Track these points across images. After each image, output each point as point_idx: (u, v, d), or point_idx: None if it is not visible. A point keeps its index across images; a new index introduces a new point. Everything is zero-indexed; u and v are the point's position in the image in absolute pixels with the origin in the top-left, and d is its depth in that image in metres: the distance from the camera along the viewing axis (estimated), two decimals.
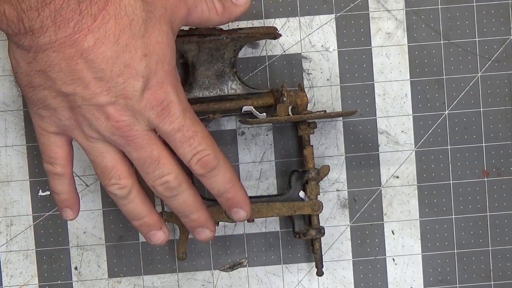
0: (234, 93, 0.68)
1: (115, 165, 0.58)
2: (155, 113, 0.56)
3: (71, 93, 0.55)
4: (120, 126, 0.56)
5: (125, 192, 0.59)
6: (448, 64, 0.71)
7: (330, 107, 0.71)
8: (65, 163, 0.60)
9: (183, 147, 0.58)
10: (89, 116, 0.56)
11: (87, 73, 0.55)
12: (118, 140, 0.57)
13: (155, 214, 0.61)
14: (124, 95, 0.55)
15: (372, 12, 0.70)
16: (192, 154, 0.58)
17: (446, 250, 0.71)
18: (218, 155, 0.59)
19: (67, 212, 0.62)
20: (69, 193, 0.61)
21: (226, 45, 0.66)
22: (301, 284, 0.72)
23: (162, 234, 0.62)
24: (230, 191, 0.60)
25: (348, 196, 0.71)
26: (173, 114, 0.57)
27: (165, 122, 0.57)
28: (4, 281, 0.71)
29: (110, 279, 0.71)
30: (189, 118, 0.58)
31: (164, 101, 0.56)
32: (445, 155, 0.71)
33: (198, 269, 0.71)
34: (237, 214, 0.62)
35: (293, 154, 0.71)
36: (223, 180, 0.60)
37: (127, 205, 0.60)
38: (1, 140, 0.70)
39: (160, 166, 0.58)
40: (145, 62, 0.55)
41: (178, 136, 0.57)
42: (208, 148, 0.58)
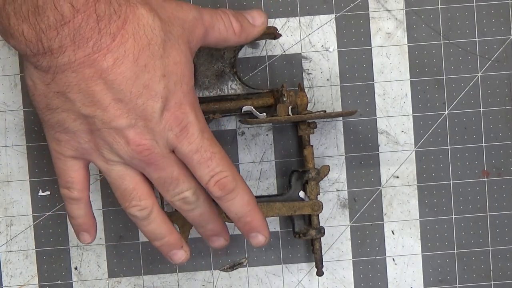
0: (234, 93, 0.68)
1: (135, 187, 0.58)
2: (173, 134, 0.56)
3: (90, 116, 0.55)
4: (141, 150, 0.56)
5: (146, 213, 0.59)
6: (448, 64, 0.71)
7: (330, 107, 0.71)
8: (82, 188, 0.60)
9: (201, 169, 0.57)
10: (109, 140, 0.56)
11: (107, 94, 0.54)
12: (138, 163, 0.57)
13: (175, 234, 0.62)
14: (143, 117, 0.55)
15: (372, 12, 0.70)
16: (210, 176, 0.58)
17: (446, 250, 0.71)
18: (236, 177, 0.59)
19: (84, 236, 0.62)
20: (85, 217, 0.61)
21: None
22: (301, 284, 0.72)
23: (183, 253, 0.62)
24: (248, 214, 0.60)
25: (348, 196, 0.71)
26: (192, 135, 0.57)
27: (184, 143, 0.56)
28: (4, 281, 0.71)
29: (110, 279, 0.71)
30: (207, 139, 0.57)
31: (183, 122, 0.56)
32: (445, 155, 0.71)
33: (198, 269, 0.71)
34: (256, 239, 0.62)
35: (293, 154, 0.71)
36: (241, 203, 0.59)
37: (148, 226, 0.60)
38: (1, 140, 0.70)
39: (179, 184, 0.58)
40: (164, 82, 0.55)
41: (196, 157, 0.57)
42: (226, 170, 0.58)
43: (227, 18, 0.61)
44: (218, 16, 0.60)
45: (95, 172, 0.70)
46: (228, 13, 0.61)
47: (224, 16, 0.61)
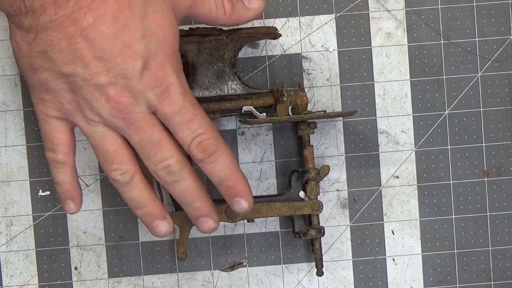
0: (234, 93, 0.68)
1: (117, 150, 0.58)
2: (154, 95, 0.56)
3: (71, 74, 0.56)
4: (120, 108, 0.56)
5: (127, 178, 0.59)
6: (448, 64, 0.71)
7: (330, 107, 0.71)
8: (67, 151, 0.60)
9: (183, 130, 0.57)
10: (89, 98, 0.56)
11: (87, 53, 0.55)
12: (118, 123, 0.57)
13: (158, 203, 0.61)
14: (123, 75, 0.56)
15: (372, 12, 0.70)
16: (192, 137, 0.58)
17: (446, 250, 0.71)
18: (218, 140, 0.58)
19: (69, 204, 0.62)
20: (71, 184, 0.61)
21: (226, 45, 0.66)
22: (301, 284, 0.72)
23: (166, 225, 0.61)
24: (231, 179, 0.60)
25: (348, 196, 0.71)
26: (173, 96, 0.57)
27: (165, 104, 0.57)
28: (4, 281, 0.71)
29: (110, 279, 0.71)
30: (188, 101, 0.57)
31: (164, 83, 0.56)
32: (445, 155, 0.71)
33: (198, 269, 0.71)
34: (239, 205, 0.61)
35: (293, 154, 0.71)
36: (223, 166, 0.59)
37: (129, 192, 0.59)
38: (1, 140, 0.70)
39: (161, 150, 0.58)
40: (144, 42, 0.56)
41: (177, 119, 0.57)
42: (207, 132, 0.58)
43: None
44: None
45: (94, 172, 0.70)
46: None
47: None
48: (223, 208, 0.67)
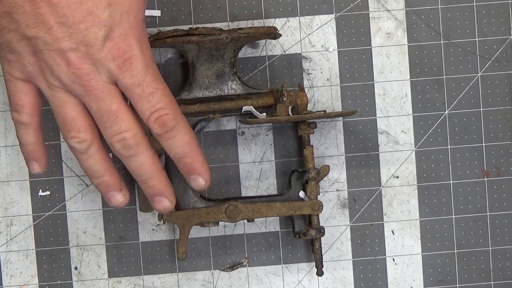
0: (234, 93, 0.68)
1: (76, 117, 0.58)
2: (115, 65, 0.56)
3: (34, 37, 0.56)
4: (80, 74, 0.56)
5: (84, 146, 0.58)
6: (448, 64, 0.71)
7: (330, 107, 0.71)
8: (31, 112, 0.59)
9: (142, 103, 0.57)
10: (50, 62, 0.56)
11: (50, 17, 0.55)
12: (78, 89, 0.57)
13: (115, 175, 0.60)
14: (85, 42, 0.56)
15: (372, 12, 0.70)
16: (151, 111, 0.57)
17: (446, 250, 0.71)
18: (177, 116, 0.58)
19: (33, 164, 0.62)
20: (35, 145, 0.61)
21: (226, 45, 0.66)
22: (301, 284, 0.72)
23: (121, 196, 0.61)
24: (189, 155, 0.59)
25: (348, 196, 0.71)
26: (135, 68, 0.57)
27: (126, 75, 0.56)
28: (4, 281, 0.71)
29: (110, 279, 0.71)
30: (150, 74, 0.57)
31: (126, 53, 0.56)
32: (445, 155, 0.71)
33: (198, 269, 0.71)
34: (196, 182, 0.61)
35: (293, 154, 0.71)
36: (182, 142, 0.59)
37: (86, 161, 0.59)
38: (1, 140, 0.70)
39: (118, 121, 0.57)
40: (108, 11, 0.56)
41: (138, 91, 0.57)
42: (167, 107, 0.58)
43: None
44: None
45: None
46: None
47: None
48: (223, 208, 0.67)
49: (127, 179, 0.66)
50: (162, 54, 0.70)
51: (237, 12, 0.70)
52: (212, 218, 0.67)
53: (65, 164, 0.70)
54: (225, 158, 0.71)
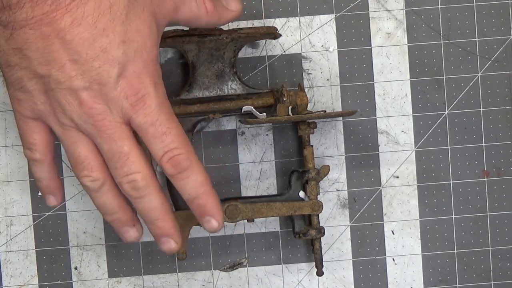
0: (234, 93, 0.68)
1: (88, 156, 0.57)
2: (129, 103, 0.55)
3: (46, 75, 0.55)
4: (93, 114, 0.55)
5: (97, 185, 0.58)
6: (448, 64, 0.71)
7: (330, 107, 0.71)
8: (43, 150, 0.59)
9: (155, 143, 0.56)
10: (62, 101, 0.55)
11: (63, 54, 0.54)
12: (90, 129, 0.56)
13: (128, 211, 0.60)
14: (98, 80, 0.54)
15: (372, 12, 0.70)
16: (164, 151, 0.56)
17: (446, 250, 0.71)
18: (191, 156, 0.57)
19: (49, 198, 0.62)
20: (50, 180, 0.61)
21: (226, 45, 0.66)
22: (301, 284, 0.72)
23: (134, 232, 0.61)
24: (202, 197, 0.58)
25: (348, 196, 0.71)
26: (148, 106, 0.56)
27: (139, 114, 0.55)
28: (4, 281, 0.71)
29: (110, 279, 0.71)
30: (164, 114, 0.56)
31: (140, 92, 0.55)
32: (445, 155, 0.71)
33: (198, 269, 0.71)
34: (209, 224, 0.60)
35: (293, 154, 0.71)
36: (195, 184, 0.58)
37: (99, 198, 0.59)
38: (1, 140, 0.70)
39: (128, 163, 0.57)
40: (123, 48, 0.55)
41: (151, 130, 0.56)
42: (181, 147, 0.57)
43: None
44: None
45: None
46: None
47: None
48: (223, 208, 0.67)
49: None
50: (162, 54, 0.70)
51: None
52: None
53: (65, 164, 0.70)
54: (225, 158, 0.71)
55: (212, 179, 0.70)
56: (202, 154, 0.70)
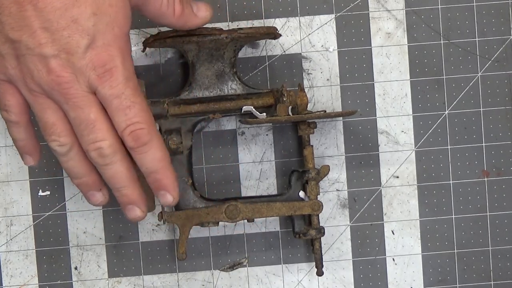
0: (234, 93, 0.68)
1: (56, 122, 0.58)
2: (96, 74, 0.56)
3: (17, 40, 0.56)
4: (60, 81, 0.56)
5: (65, 149, 0.59)
6: (448, 64, 0.71)
7: (330, 107, 0.71)
8: (19, 111, 0.60)
9: (119, 115, 0.58)
10: (31, 67, 0.56)
11: (35, 21, 0.55)
12: (57, 96, 0.57)
13: (94, 175, 0.61)
14: (67, 49, 0.56)
15: (372, 12, 0.70)
16: (126, 124, 0.58)
17: (446, 250, 0.71)
18: (152, 132, 0.59)
19: (27, 158, 0.63)
20: (27, 140, 0.62)
21: (226, 45, 0.66)
22: (301, 284, 0.72)
23: (100, 196, 0.62)
24: (159, 171, 0.60)
25: (348, 196, 0.71)
26: (115, 79, 0.57)
27: (105, 86, 0.57)
28: (4, 281, 0.71)
29: (110, 279, 0.71)
30: (130, 88, 0.57)
31: (108, 64, 0.56)
32: (445, 155, 0.71)
33: (198, 269, 0.71)
34: (164, 198, 0.61)
35: (293, 154, 0.71)
36: (153, 158, 0.59)
37: (67, 163, 0.60)
38: (1, 140, 0.70)
39: (95, 130, 0.58)
40: (93, 20, 0.56)
41: (115, 102, 0.57)
42: (143, 122, 0.58)
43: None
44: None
45: None
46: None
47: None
48: (223, 208, 0.67)
49: None
50: (162, 54, 0.70)
51: (237, 12, 0.70)
52: (212, 218, 0.67)
53: None
54: (225, 158, 0.71)
55: (212, 179, 0.70)
56: (202, 154, 0.71)
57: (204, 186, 0.71)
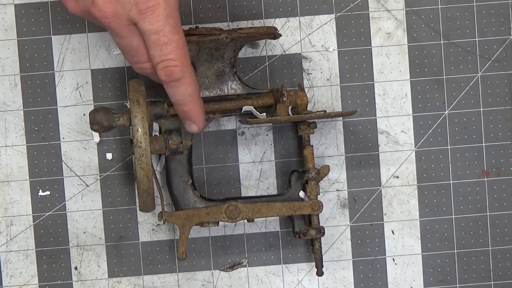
0: (234, 93, 0.68)
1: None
2: (137, 10, 0.58)
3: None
4: (102, 16, 0.59)
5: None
6: (448, 64, 0.71)
7: (330, 107, 0.71)
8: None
9: (155, 50, 0.60)
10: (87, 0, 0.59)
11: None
12: (105, 26, 0.60)
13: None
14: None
15: (372, 12, 0.70)
16: (160, 59, 0.60)
17: (446, 250, 0.71)
18: (185, 69, 0.61)
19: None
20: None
21: (226, 45, 0.66)
22: (301, 284, 0.72)
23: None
24: (187, 105, 0.62)
25: (348, 196, 0.71)
26: (156, 16, 0.59)
27: (145, 21, 0.59)
28: (4, 281, 0.71)
29: (110, 279, 0.71)
30: (170, 25, 0.59)
31: (150, 1, 0.58)
32: (445, 155, 0.71)
33: (198, 269, 0.71)
34: (189, 126, 0.64)
35: (293, 154, 0.71)
36: (183, 93, 0.62)
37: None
38: (1, 140, 0.70)
39: (137, 55, 0.61)
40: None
41: (153, 38, 0.59)
42: (177, 59, 0.60)
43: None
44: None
45: (94, 172, 0.70)
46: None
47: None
48: (223, 208, 0.67)
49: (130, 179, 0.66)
50: None
51: (237, 12, 0.70)
52: (212, 218, 0.67)
53: (65, 164, 0.70)
54: (225, 158, 0.71)
55: (212, 179, 0.70)
56: (202, 154, 0.71)
57: (204, 186, 0.71)
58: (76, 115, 0.70)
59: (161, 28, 0.59)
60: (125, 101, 0.70)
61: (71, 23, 0.70)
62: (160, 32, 0.59)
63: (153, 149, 0.65)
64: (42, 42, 0.70)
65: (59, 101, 0.70)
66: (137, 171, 0.63)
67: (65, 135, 0.70)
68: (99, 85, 0.70)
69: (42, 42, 0.70)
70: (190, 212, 0.67)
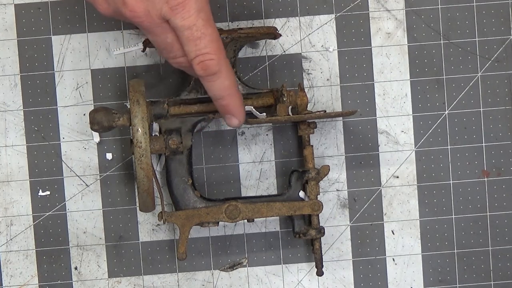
0: None
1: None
2: (168, 7, 0.59)
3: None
4: (133, 16, 0.59)
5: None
6: (448, 64, 0.71)
7: (330, 107, 0.71)
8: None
9: (189, 45, 0.60)
10: (117, 1, 0.59)
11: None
12: (138, 26, 0.60)
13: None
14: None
15: (372, 12, 0.70)
16: (196, 54, 0.60)
17: (446, 250, 0.71)
18: (221, 62, 0.60)
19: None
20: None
21: (226, 45, 0.66)
22: (301, 284, 0.72)
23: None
24: (225, 98, 0.62)
25: (348, 196, 0.71)
26: (187, 11, 0.59)
27: (177, 17, 0.59)
28: (4, 281, 0.71)
29: (110, 279, 0.71)
30: (202, 19, 0.59)
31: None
32: (445, 155, 0.71)
33: (198, 269, 0.71)
34: (229, 120, 0.64)
35: (293, 154, 0.71)
36: (220, 87, 0.61)
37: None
38: (1, 140, 0.70)
39: (173, 50, 0.61)
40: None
41: (186, 33, 0.59)
42: (213, 52, 0.60)
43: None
44: None
45: (94, 172, 0.70)
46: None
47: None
48: (223, 208, 0.67)
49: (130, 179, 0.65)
50: None
51: (237, 12, 0.70)
52: (212, 218, 0.67)
53: (65, 164, 0.70)
54: (225, 158, 0.71)
55: (212, 179, 0.70)
56: (202, 154, 0.71)
57: (204, 186, 0.71)
58: (76, 115, 0.70)
59: (193, 23, 0.59)
60: (125, 101, 0.70)
61: (71, 23, 0.70)
62: (193, 27, 0.59)
63: (153, 149, 0.65)
64: (42, 42, 0.70)
65: (59, 101, 0.70)
66: (137, 171, 0.63)
67: (65, 135, 0.70)
68: (99, 85, 0.70)
69: (42, 42, 0.70)
70: (190, 212, 0.67)
